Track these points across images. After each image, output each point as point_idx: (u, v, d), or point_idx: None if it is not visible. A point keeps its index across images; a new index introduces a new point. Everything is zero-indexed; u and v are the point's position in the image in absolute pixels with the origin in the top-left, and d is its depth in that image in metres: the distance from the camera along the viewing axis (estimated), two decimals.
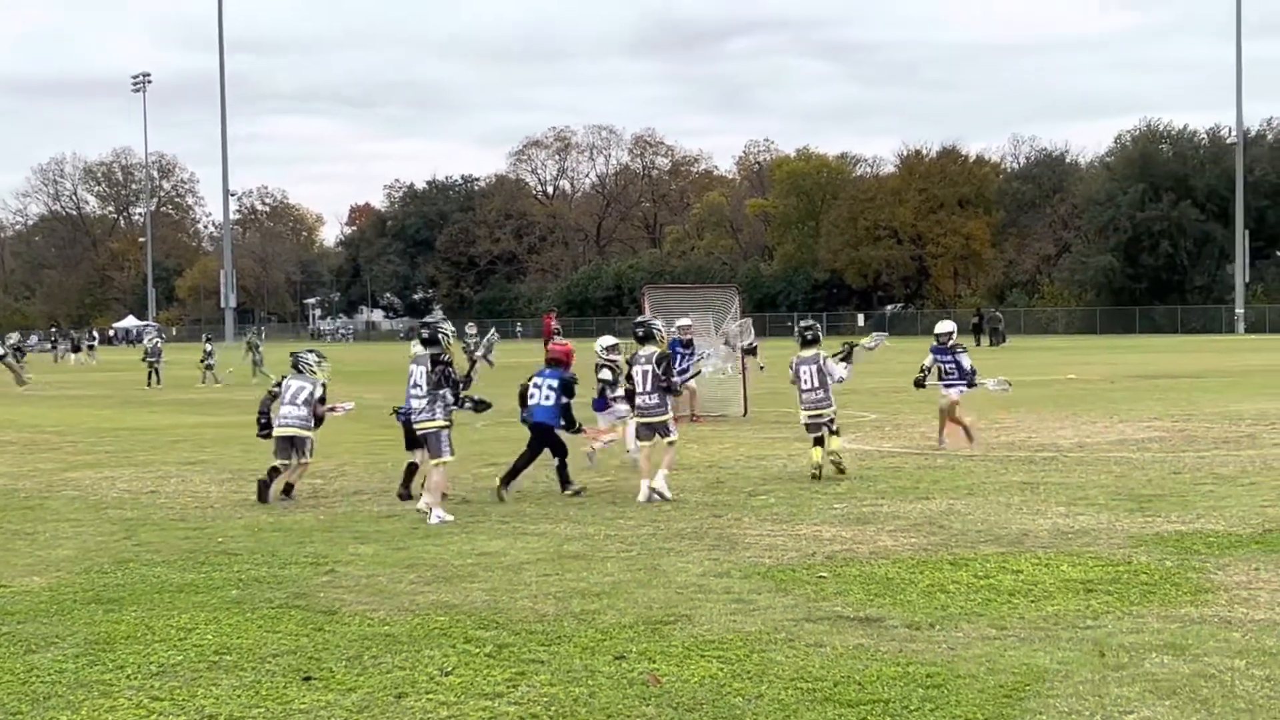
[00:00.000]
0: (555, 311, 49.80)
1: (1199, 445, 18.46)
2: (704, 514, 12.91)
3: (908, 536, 11.36)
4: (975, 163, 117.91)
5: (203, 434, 23.63)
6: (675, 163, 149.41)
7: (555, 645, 7.79)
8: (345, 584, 9.73)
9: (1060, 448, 18.49)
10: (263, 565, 10.56)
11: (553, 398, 14.80)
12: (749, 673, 7.13)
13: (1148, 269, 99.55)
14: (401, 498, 14.46)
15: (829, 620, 8.27)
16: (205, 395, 37.05)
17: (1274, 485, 14.15)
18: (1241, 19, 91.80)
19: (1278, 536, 10.98)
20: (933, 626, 8.06)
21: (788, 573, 9.81)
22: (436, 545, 11.33)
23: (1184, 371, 39.80)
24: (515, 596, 9.15)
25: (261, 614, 8.77)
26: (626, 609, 8.68)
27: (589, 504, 13.77)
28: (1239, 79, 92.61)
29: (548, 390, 14.86)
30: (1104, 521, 11.94)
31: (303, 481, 15.85)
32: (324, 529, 12.41)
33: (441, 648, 7.79)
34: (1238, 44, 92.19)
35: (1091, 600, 8.69)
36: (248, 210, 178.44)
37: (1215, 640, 7.62)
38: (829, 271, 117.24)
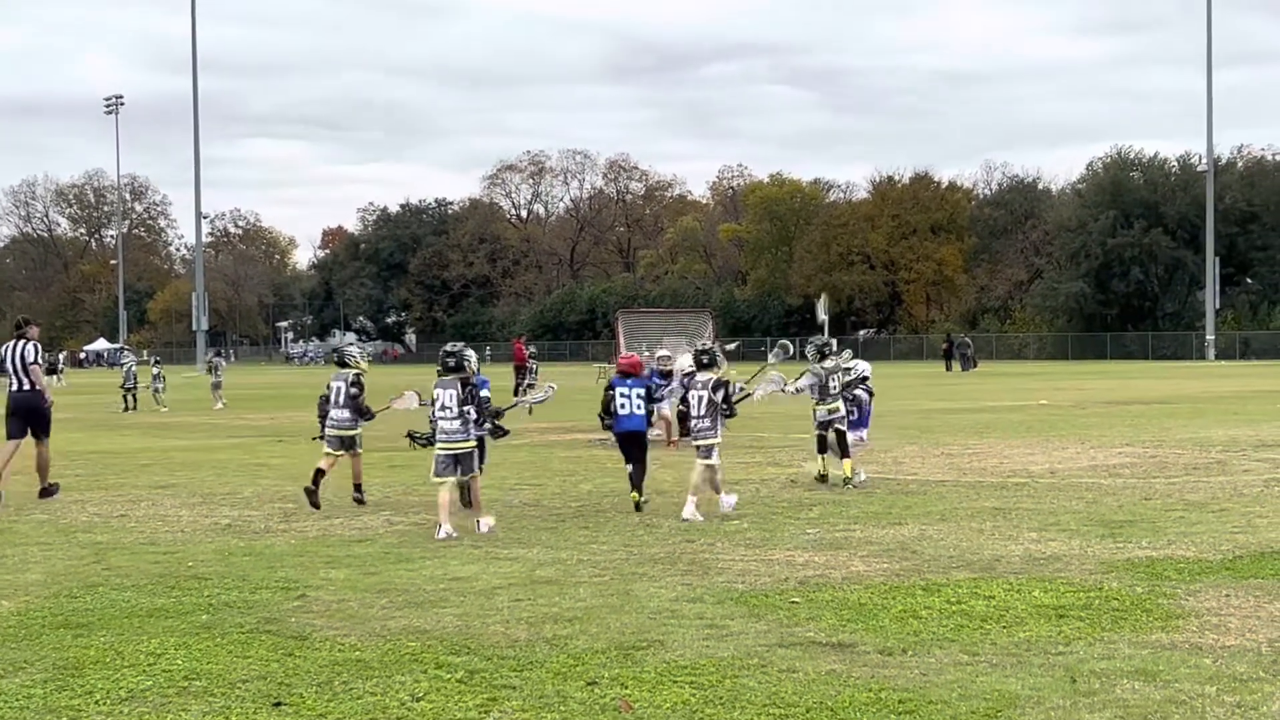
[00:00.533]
0: (526, 336, 49.77)
1: (1170, 472, 18.54)
2: (677, 539, 12.90)
3: (880, 562, 11.37)
4: (948, 189, 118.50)
5: (173, 458, 23.53)
6: (649, 187, 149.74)
7: (527, 671, 7.76)
8: (316, 609, 9.68)
9: (1032, 473, 18.55)
10: (233, 590, 10.50)
11: (641, 406, 15.78)
12: (721, 698, 7.12)
13: (1119, 295, 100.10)
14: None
15: (801, 646, 8.27)
16: (174, 419, 36.88)
17: (1244, 512, 14.22)
18: (1212, 48, 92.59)
19: (1248, 563, 11.03)
20: (905, 652, 8.06)
21: (760, 598, 9.80)
22: (408, 570, 11.29)
23: (1155, 398, 39.99)
24: (487, 622, 9.12)
25: (232, 639, 8.72)
26: (599, 634, 8.66)
27: (561, 528, 13.75)
28: (1209, 107, 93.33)
29: (636, 399, 15.75)
30: (1075, 547, 11.98)
31: (273, 506, 15.85)
32: (295, 553, 12.36)
33: (413, 673, 7.75)
34: (1208, 72, 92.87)
35: (1063, 626, 8.70)
36: (220, 233, 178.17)
37: (1186, 666, 7.64)
38: (802, 296, 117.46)
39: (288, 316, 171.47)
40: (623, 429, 15.80)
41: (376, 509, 15.64)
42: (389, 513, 15.25)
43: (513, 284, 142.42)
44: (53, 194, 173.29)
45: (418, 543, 12.89)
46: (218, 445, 26.49)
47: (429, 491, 17.14)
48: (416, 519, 14.66)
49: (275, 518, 14.95)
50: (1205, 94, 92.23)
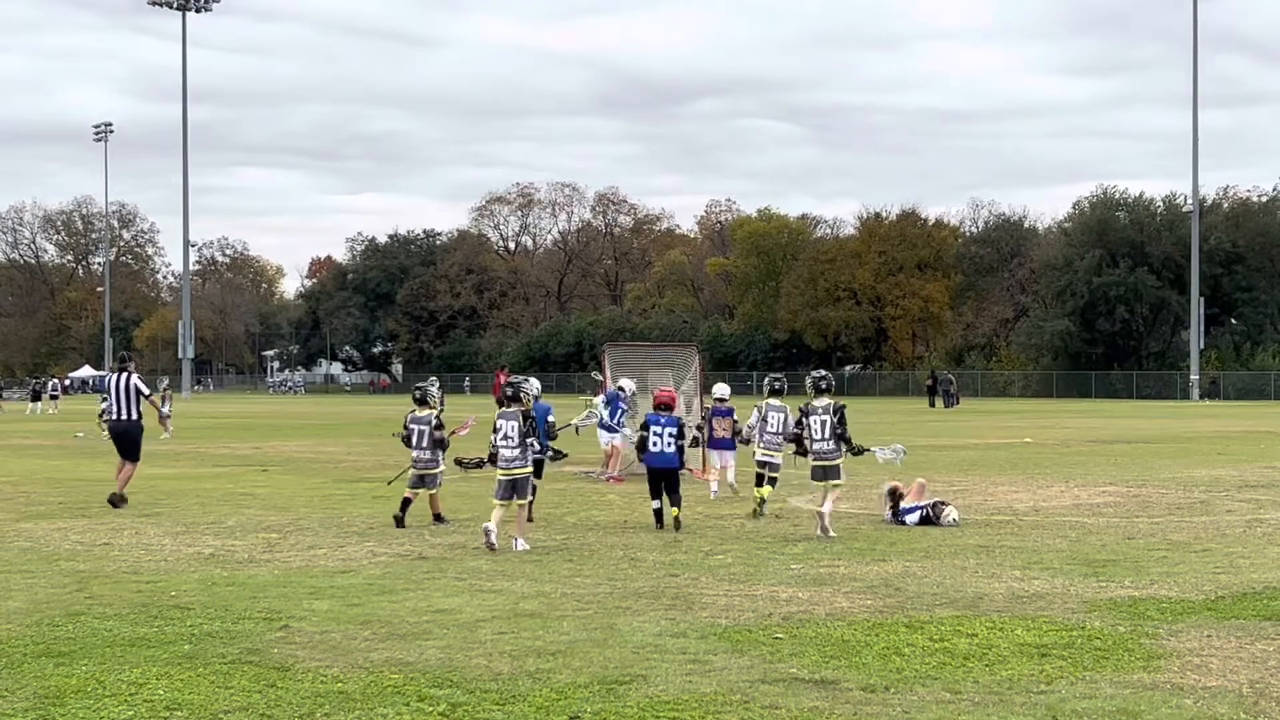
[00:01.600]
0: (507, 369, 49.53)
1: (1153, 511, 18.59)
2: (661, 573, 12.90)
3: (864, 598, 11.38)
4: (934, 226, 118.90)
5: (157, 486, 23.46)
6: (637, 221, 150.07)
7: (510, 704, 7.76)
8: (299, 640, 9.67)
9: (1016, 511, 18.58)
10: (216, 620, 10.48)
11: (673, 444, 16.70)
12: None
13: (1104, 334, 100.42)
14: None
15: (784, 682, 8.27)
16: (158, 448, 36.79)
17: (1226, 552, 14.26)
18: (1198, 89, 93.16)
19: (1230, 603, 11.06)
20: (887, 689, 8.07)
21: (744, 633, 9.81)
22: (391, 602, 11.28)
23: (1139, 437, 40.09)
24: (470, 655, 9.11)
25: (214, 669, 8.70)
26: (582, 668, 8.66)
27: (545, 561, 13.74)
28: (1195, 148, 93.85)
29: (668, 437, 16.68)
30: (1058, 586, 12.00)
31: (257, 536, 15.87)
32: (278, 584, 12.33)
33: (395, 706, 7.74)
34: (1194, 114, 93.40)
35: (1045, 665, 8.72)
36: (208, 261, 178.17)
37: (1167, 706, 7.66)
38: (789, 331, 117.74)
39: (274, 345, 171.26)
40: (654, 465, 16.71)
41: (360, 540, 15.62)
42: (373, 544, 15.22)
43: (500, 315, 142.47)
44: (40, 220, 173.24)
45: (401, 574, 12.87)
46: (202, 474, 26.43)
47: (412, 523, 17.17)
48: (400, 550, 14.64)
49: (259, 548, 14.92)
50: (1191, 135, 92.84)
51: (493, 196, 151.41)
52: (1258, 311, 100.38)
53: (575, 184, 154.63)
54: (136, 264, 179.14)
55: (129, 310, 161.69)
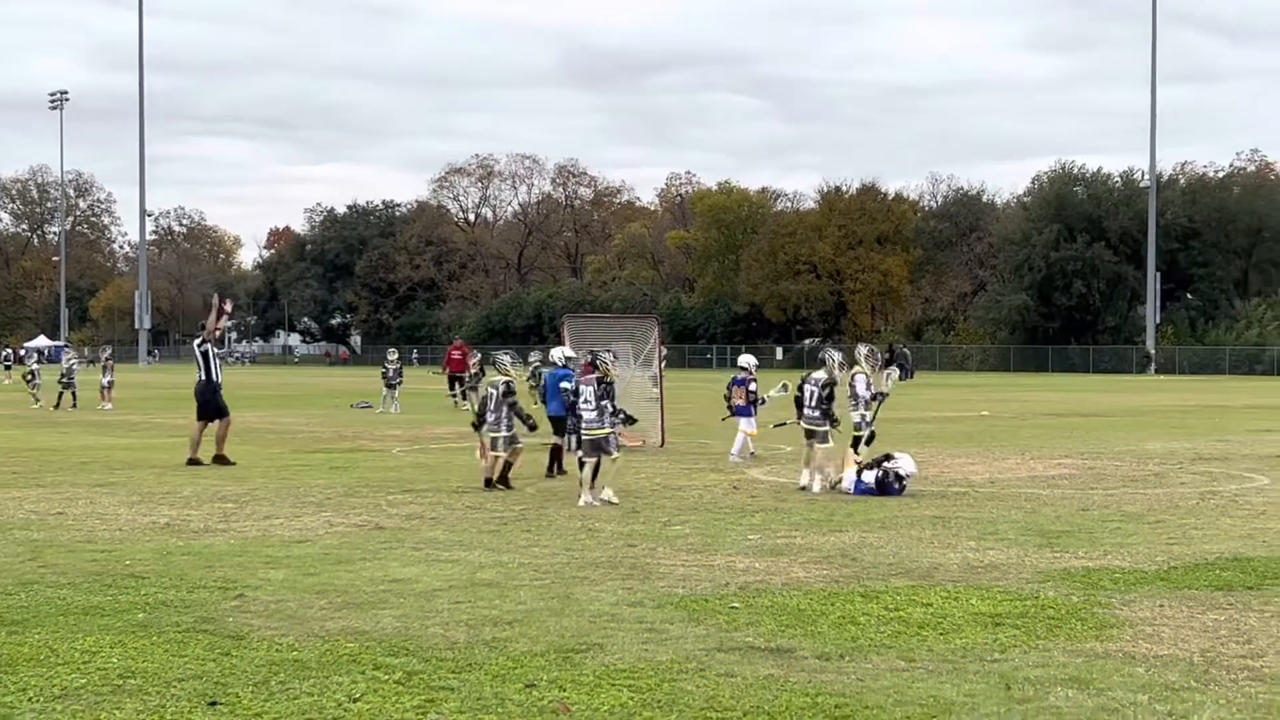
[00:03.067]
0: (461, 340, 49.42)
1: (1107, 483, 18.73)
2: (619, 543, 12.91)
3: (820, 568, 11.42)
4: (894, 200, 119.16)
5: (114, 456, 23.32)
6: (598, 193, 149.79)
7: (466, 673, 7.75)
8: (254, 609, 9.63)
9: (972, 483, 18.69)
10: (171, 589, 10.43)
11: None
12: (659, 702, 7.14)
13: (1061, 308, 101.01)
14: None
15: (740, 650, 8.30)
16: (115, 418, 36.55)
17: (1179, 523, 14.38)
18: (1156, 65, 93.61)
19: (1182, 574, 11.16)
20: (842, 658, 8.11)
21: (700, 603, 9.83)
22: (348, 571, 11.25)
23: (1094, 410, 40.38)
24: (427, 624, 9.09)
25: (168, 638, 8.66)
26: (538, 637, 8.66)
27: (503, 531, 13.74)
28: (1153, 124, 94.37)
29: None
30: (1013, 556, 12.08)
31: (213, 505, 15.82)
32: (234, 553, 12.28)
33: (350, 674, 7.72)
34: (1152, 90, 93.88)
35: (999, 634, 8.78)
36: (164, 231, 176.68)
37: (1119, 675, 7.73)
38: (749, 304, 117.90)
39: (231, 317, 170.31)
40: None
41: (317, 510, 15.56)
42: (330, 514, 15.17)
43: (459, 287, 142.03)
44: None
45: (358, 544, 12.84)
46: (158, 444, 26.28)
47: (370, 494, 17.13)
48: (357, 521, 14.60)
49: (215, 517, 14.85)
50: (1149, 111, 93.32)
51: (452, 168, 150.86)
52: (1213, 287, 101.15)
53: (535, 156, 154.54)
54: (93, 234, 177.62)
55: (85, 280, 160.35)
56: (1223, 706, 7.09)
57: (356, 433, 29.81)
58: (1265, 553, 12.30)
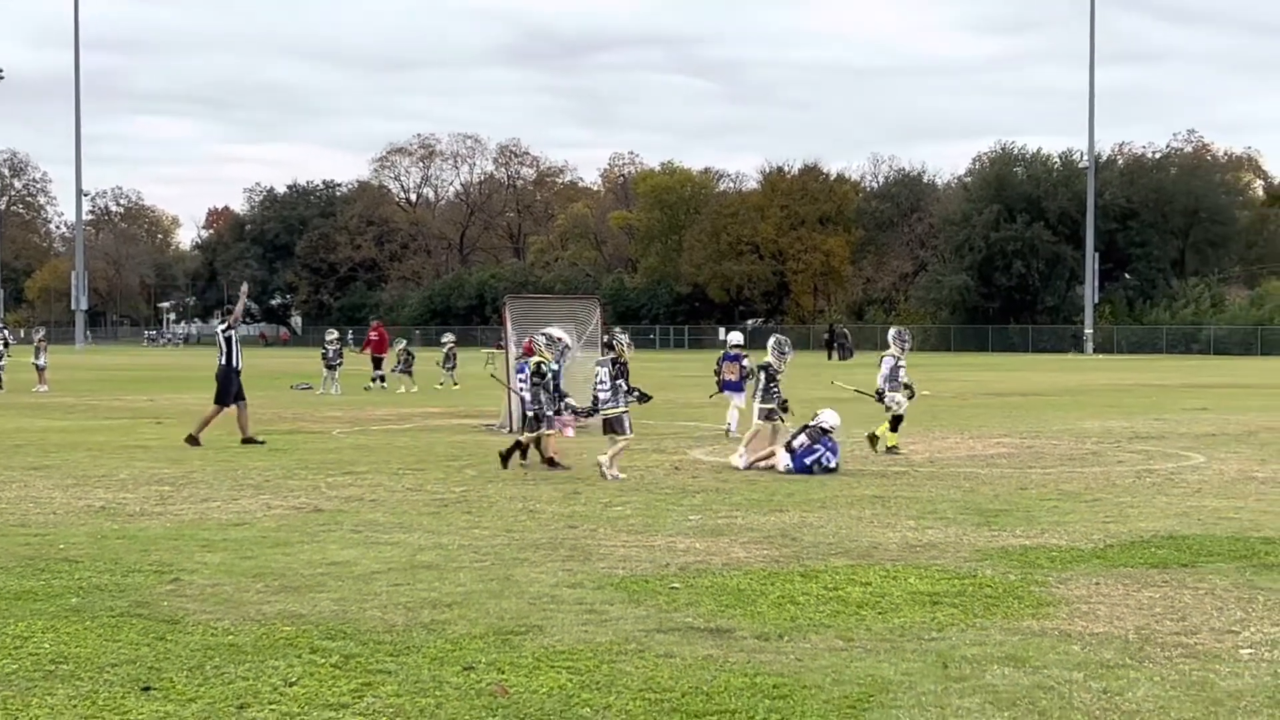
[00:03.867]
0: (382, 320, 49.07)
1: (1045, 462, 18.88)
2: (559, 525, 12.88)
3: (760, 548, 11.44)
4: (836, 181, 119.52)
5: (48, 439, 23.05)
6: (540, 173, 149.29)
7: (403, 656, 7.70)
8: (189, 593, 9.53)
9: (912, 463, 18.79)
10: (105, 573, 10.31)
11: (525, 387, 18.54)
12: (598, 683, 7.12)
13: (1001, 288, 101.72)
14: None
15: (679, 631, 8.29)
16: (51, 399, 36.12)
17: (1116, 501, 14.51)
18: (1095, 46, 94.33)
19: (1118, 551, 11.26)
20: (781, 638, 8.12)
21: (640, 583, 9.82)
22: (285, 555, 11.16)
23: (1033, 390, 40.69)
24: (364, 607, 9.03)
25: (101, 623, 8.55)
26: (477, 619, 8.62)
27: (444, 513, 13.67)
28: (1091, 105, 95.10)
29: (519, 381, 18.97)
30: (952, 535, 12.15)
31: (149, 488, 15.67)
32: (170, 537, 12.16)
33: (287, 658, 7.66)
34: (1090, 72, 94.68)
35: (937, 612, 8.82)
36: (101, 211, 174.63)
37: (1055, 653, 7.78)
38: (691, 285, 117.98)
39: (170, 297, 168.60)
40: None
41: (255, 493, 15.44)
42: (268, 497, 15.05)
43: (401, 268, 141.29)
44: None
45: (296, 527, 12.74)
46: (94, 427, 25.99)
47: (309, 476, 17.02)
48: (296, 503, 14.49)
49: (151, 500, 14.70)
50: (1088, 92, 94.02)
51: (394, 148, 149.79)
52: (1150, 266, 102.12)
53: (477, 136, 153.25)
54: (28, 214, 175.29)
55: (20, 261, 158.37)
56: (1157, 684, 7.15)
57: (296, 414, 29.61)
58: (1200, 530, 12.43)
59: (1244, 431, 24.01)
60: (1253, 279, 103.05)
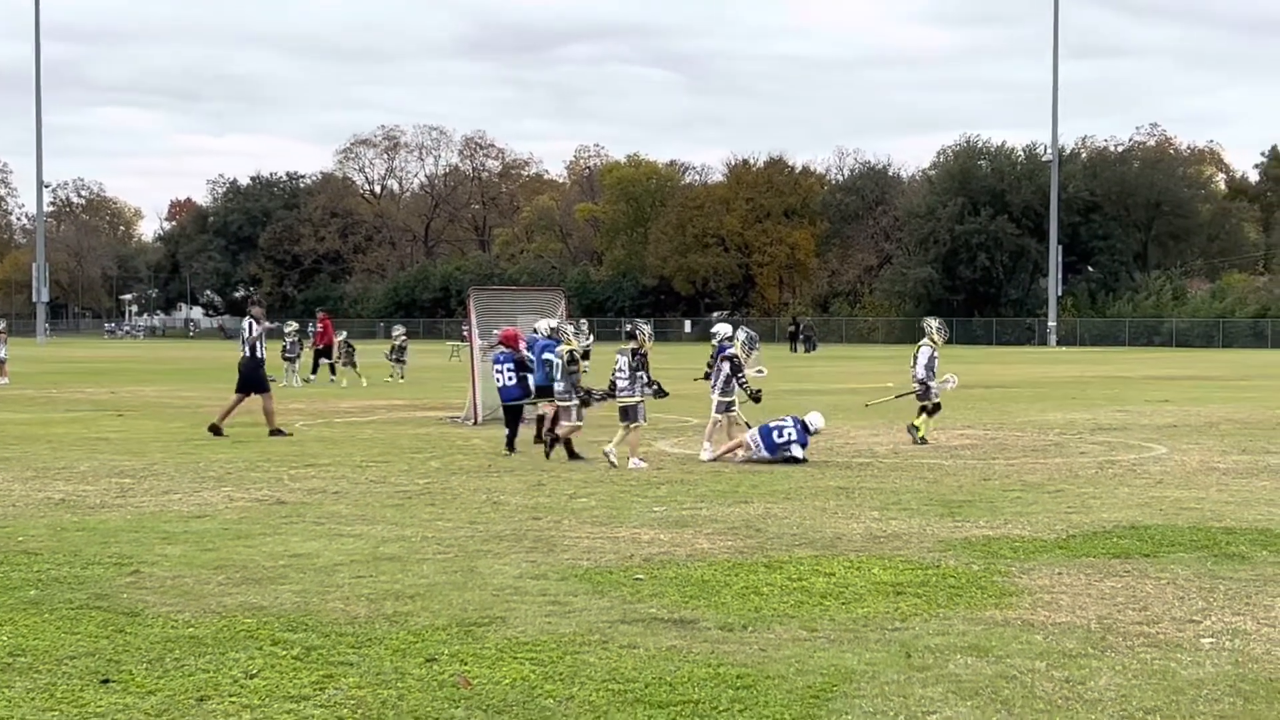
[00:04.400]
0: (327, 312, 48.91)
1: (1009, 453, 18.95)
2: (523, 516, 12.85)
3: (725, 540, 11.43)
4: (801, 174, 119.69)
5: (7, 431, 22.86)
6: (506, 165, 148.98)
7: (366, 647, 7.66)
8: (150, 585, 9.46)
9: (876, 454, 18.82)
10: (64, 565, 10.22)
11: (514, 378, 19.17)
12: (561, 674, 7.09)
13: (965, 281, 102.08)
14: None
15: (643, 622, 8.27)
16: (10, 393, 35.84)
17: (1079, 492, 14.57)
18: (1059, 40, 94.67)
19: (1080, 542, 11.30)
20: (745, 628, 8.11)
21: (604, 575, 9.80)
22: (247, 546, 11.08)
23: (997, 382, 40.85)
24: (326, 598, 8.98)
25: (60, 615, 8.48)
26: (440, 611, 8.58)
27: (407, 505, 13.61)
28: (1055, 99, 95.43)
29: (508, 373, 19.17)
30: (915, 526, 12.17)
31: (110, 481, 15.54)
32: (130, 529, 12.06)
33: (248, 650, 7.60)
34: (1054, 65, 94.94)
35: (900, 603, 8.83)
36: (63, 203, 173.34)
37: (1018, 642, 7.80)
38: (657, 278, 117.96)
39: (132, 289, 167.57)
40: (503, 398, 19.33)
41: (217, 485, 15.34)
42: (230, 489, 14.96)
43: (365, 260, 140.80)
44: None
45: (258, 519, 12.66)
46: (55, 419, 25.80)
47: (272, 468, 16.93)
48: (258, 495, 14.40)
49: (112, 493, 14.59)
50: (1051, 86, 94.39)
51: (358, 139, 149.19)
52: (1114, 259, 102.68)
53: (443, 127, 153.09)
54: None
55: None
56: (1119, 673, 7.17)
57: (257, 406, 29.41)
58: (1162, 520, 12.49)
59: (1205, 423, 24.16)
60: (1214, 272, 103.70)
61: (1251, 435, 21.66)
